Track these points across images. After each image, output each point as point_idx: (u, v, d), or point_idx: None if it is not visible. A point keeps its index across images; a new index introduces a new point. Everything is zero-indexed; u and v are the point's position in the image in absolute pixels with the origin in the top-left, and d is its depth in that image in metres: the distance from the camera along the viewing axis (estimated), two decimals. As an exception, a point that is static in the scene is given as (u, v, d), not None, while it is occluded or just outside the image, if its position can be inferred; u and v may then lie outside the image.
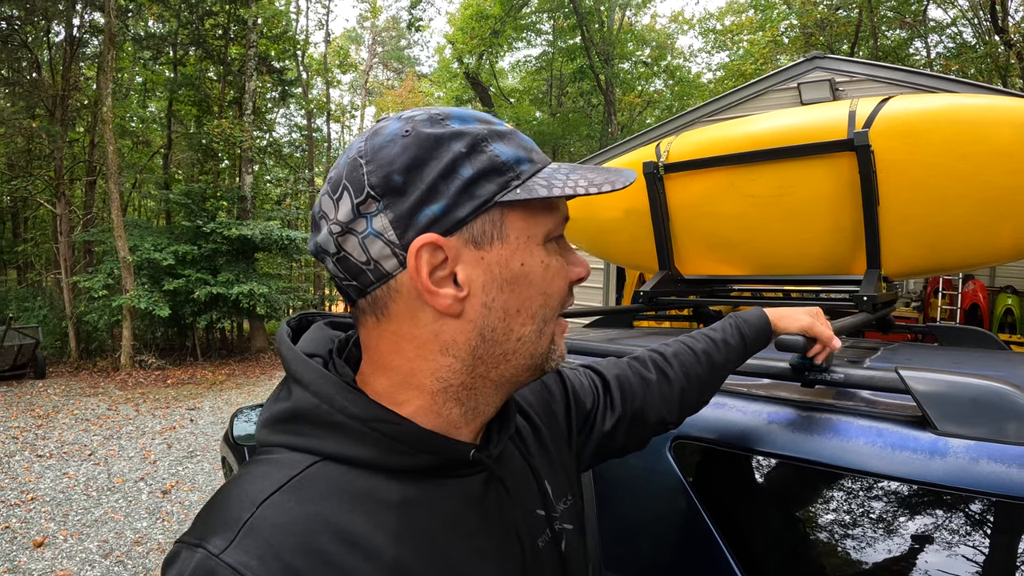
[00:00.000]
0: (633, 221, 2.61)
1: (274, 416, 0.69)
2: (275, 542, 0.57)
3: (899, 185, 1.95)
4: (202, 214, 13.60)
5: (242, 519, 0.58)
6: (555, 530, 0.81)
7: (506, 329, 0.67)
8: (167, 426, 8.27)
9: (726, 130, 2.40)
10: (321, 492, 0.62)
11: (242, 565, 0.55)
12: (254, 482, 0.63)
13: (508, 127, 0.70)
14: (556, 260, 0.70)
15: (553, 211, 0.70)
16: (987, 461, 0.94)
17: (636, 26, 24.56)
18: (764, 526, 1.18)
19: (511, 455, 0.81)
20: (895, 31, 17.13)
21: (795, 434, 1.12)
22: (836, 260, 2.18)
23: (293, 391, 0.68)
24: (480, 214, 0.64)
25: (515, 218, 0.66)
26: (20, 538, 4.92)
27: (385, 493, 0.65)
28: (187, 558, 0.57)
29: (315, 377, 0.67)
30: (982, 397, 1.00)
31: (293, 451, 0.66)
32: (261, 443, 0.69)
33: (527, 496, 0.79)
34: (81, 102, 15.34)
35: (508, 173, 0.65)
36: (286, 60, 18.47)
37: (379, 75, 35.83)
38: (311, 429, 0.66)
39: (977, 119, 1.89)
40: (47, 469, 6.52)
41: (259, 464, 0.66)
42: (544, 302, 0.69)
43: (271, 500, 0.60)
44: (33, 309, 13.86)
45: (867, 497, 1.05)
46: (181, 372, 12.33)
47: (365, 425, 0.65)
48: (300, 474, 0.63)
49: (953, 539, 0.97)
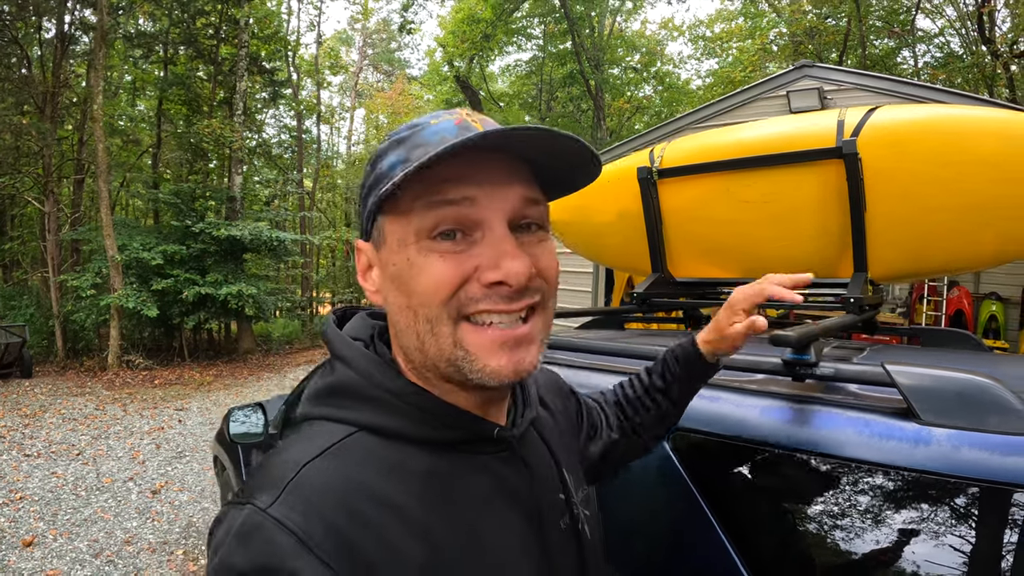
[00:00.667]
0: (626, 224, 2.67)
1: (318, 390, 0.75)
2: (316, 500, 0.62)
3: (886, 192, 2.01)
4: (191, 214, 13.54)
5: (286, 478, 0.64)
6: (574, 514, 0.85)
7: (405, 324, 0.71)
8: (155, 426, 8.24)
9: (719, 137, 2.47)
10: (358, 459, 0.68)
11: (286, 518, 0.60)
12: (298, 447, 0.69)
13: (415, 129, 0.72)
14: (430, 259, 0.67)
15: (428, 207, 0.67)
16: (968, 449, 1.00)
17: (626, 32, 24.67)
18: (761, 514, 1.23)
19: (533, 439, 0.85)
20: (883, 40, 17.32)
21: (787, 425, 1.18)
22: (824, 263, 2.25)
23: (336, 368, 0.75)
24: (372, 223, 0.73)
25: (389, 222, 0.71)
26: (9, 537, 4.89)
27: (415, 463, 0.70)
28: (235, 515, 0.63)
29: (356, 355, 0.74)
30: (963, 390, 1.06)
31: (333, 422, 0.72)
32: (304, 415, 0.75)
33: (548, 479, 0.83)
34: (71, 99, 15.23)
35: (383, 181, 0.70)
36: (277, 61, 18.44)
37: (369, 77, 35.73)
38: (351, 402, 0.72)
39: (961, 129, 1.96)
40: (35, 468, 6.49)
41: (302, 432, 0.72)
42: (419, 301, 0.68)
43: (313, 463, 0.65)
44: (20, 308, 13.73)
45: (854, 484, 1.11)
46: (169, 372, 12.27)
47: (399, 399, 0.71)
48: (339, 442, 0.69)
49: (933, 524, 1.03)
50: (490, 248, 0.67)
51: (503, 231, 0.68)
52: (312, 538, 0.59)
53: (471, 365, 0.68)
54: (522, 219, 0.70)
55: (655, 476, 1.32)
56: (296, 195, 21.10)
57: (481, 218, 0.67)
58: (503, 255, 0.66)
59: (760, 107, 7.58)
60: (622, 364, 1.63)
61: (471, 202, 0.67)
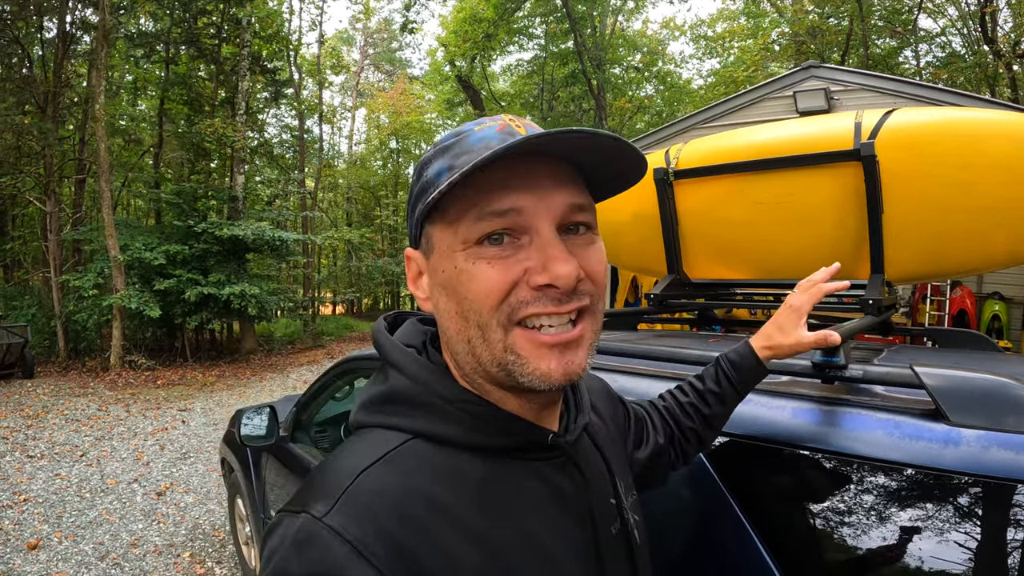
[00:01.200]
0: (642, 225, 2.67)
1: (371, 398, 0.76)
2: (372, 508, 0.63)
3: (903, 194, 2.02)
4: (193, 214, 13.55)
5: (342, 487, 0.64)
6: (625, 519, 0.85)
7: (456, 330, 0.72)
8: (159, 427, 8.24)
9: (735, 138, 2.47)
10: (413, 466, 0.68)
11: (342, 527, 0.60)
12: (353, 456, 0.70)
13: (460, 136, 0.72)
14: (474, 265, 0.67)
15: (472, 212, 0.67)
16: (997, 449, 1.01)
17: (628, 31, 24.70)
18: (793, 515, 1.23)
19: (586, 445, 0.86)
20: (885, 40, 17.33)
21: (819, 427, 1.18)
22: (840, 265, 2.25)
23: (390, 375, 0.76)
24: (421, 231, 0.74)
25: (437, 230, 0.72)
26: (14, 540, 4.86)
27: (470, 469, 0.70)
28: (290, 523, 0.63)
29: (410, 362, 0.75)
30: (990, 391, 1.07)
31: (387, 430, 0.72)
32: (358, 423, 0.76)
33: (601, 484, 0.84)
34: (72, 99, 15.22)
35: (430, 190, 0.70)
36: (279, 60, 18.43)
37: (370, 77, 35.78)
38: (405, 409, 0.73)
39: (976, 132, 1.97)
40: (39, 470, 6.48)
41: (357, 441, 0.73)
42: (469, 307, 0.68)
43: (368, 471, 0.66)
44: (21, 308, 13.74)
45: (885, 486, 1.12)
46: (171, 373, 12.28)
47: (453, 406, 0.72)
48: (395, 449, 0.69)
49: (964, 521, 1.03)
50: (538, 252, 0.67)
51: (550, 235, 0.68)
52: (368, 547, 0.60)
53: (522, 368, 0.68)
54: (569, 222, 0.71)
55: (688, 479, 1.32)
56: (298, 195, 21.12)
57: (528, 223, 0.68)
58: (551, 259, 0.66)
59: (767, 107, 7.60)
60: (641, 366, 1.64)
61: (518, 212, 0.67)
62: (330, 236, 19.90)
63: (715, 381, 1.15)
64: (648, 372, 1.60)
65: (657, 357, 1.58)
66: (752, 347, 1.14)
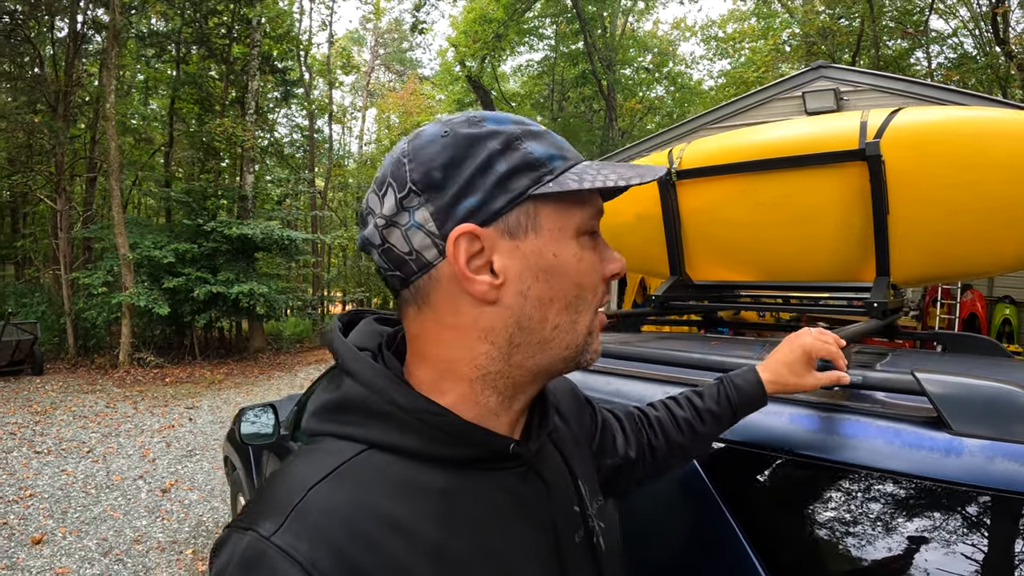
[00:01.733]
0: (644, 226, 2.64)
1: (324, 406, 0.72)
2: (323, 526, 0.60)
3: (909, 194, 1.98)
4: (203, 213, 13.61)
5: (291, 504, 0.61)
6: (590, 527, 0.83)
7: (541, 317, 0.70)
8: (166, 424, 8.27)
9: (739, 138, 2.43)
10: (367, 479, 0.65)
11: (291, 547, 0.58)
12: (303, 469, 0.66)
13: (542, 128, 0.74)
14: (589, 253, 0.72)
15: (585, 206, 0.72)
16: (1002, 460, 0.97)
17: (638, 32, 24.67)
18: (787, 524, 1.20)
19: (549, 452, 0.83)
20: (897, 41, 17.22)
21: (815, 434, 1.15)
22: (845, 267, 2.22)
23: (344, 382, 0.72)
24: (515, 206, 0.68)
25: (548, 211, 0.69)
26: (18, 535, 4.91)
27: (428, 481, 0.67)
28: (237, 541, 0.60)
29: (365, 368, 0.71)
30: (995, 399, 1.03)
31: (341, 439, 0.69)
32: (310, 432, 0.72)
33: (564, 492, 0.81)
34: (83, 98, 15.35)
35: (541, 168, 0.69)
36: (289, 60, 18.50)
37: (381, 77, 35.87)
38: (359, 418, 0.69)
39: (983, 131, 1.93)
40: (45, 466, 6.52)
41: (308, 452, 0.69)
42: (578, 293, 0.71)
43: (319, 486, 0.63)
44: (31, 305, 13.85)
45: (884, 495, 1.08)
46: (179, 371, 12.33)
47: (411, 415, 0.68)
48: (347, 462, 0.66)
49: (966, 535, 1.00)
50: (604, 248, 0.76)
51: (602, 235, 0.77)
52: (317, 566, 0.57)
53: (589, 347, 0.75)
54: None
55: (679, 485, 1.29)
56: (308, 194, 21.18)
57: None
58: (612, 253, 0.77)
59: (776, 108, 7.55)
60: (641, 369, 1.61)
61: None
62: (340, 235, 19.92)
63: (715, 401, 1.13)
64: (642, 375, 1.57)
65: (653, 360, 1.55)
66: (759, 377, 1.14)
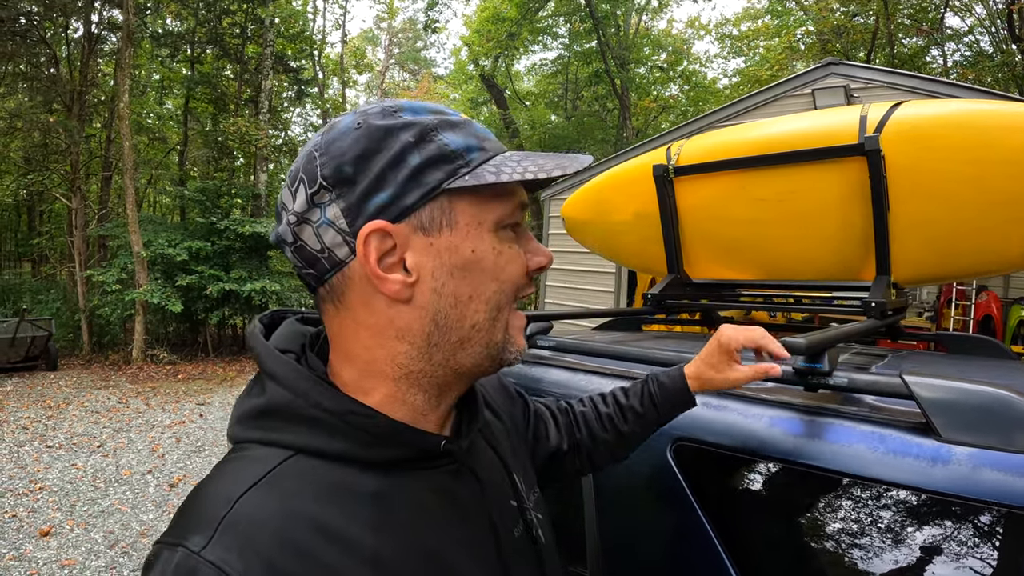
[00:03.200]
0: (643, 224, 2.60)
1: (247, 412, 0.70)
2: (253, 537, 0.58)
3: (910, 190, 1.93)
4: (216, 211, 13.66)
5: (219, 516, 0.59)
6: (528, 520, 0.83)
7: (459, 316, 0.68)
8: (176, 420, 8.32)
9: (737, 134, 2.38)
10: (296, 486, 0.63)
11: (222, 561, 0.56)
12: (229, 479, 0.64)
13: (462, 117, 0.72)
14: (509, 247, 0.70)
15: (506, 198, 0.70)
16: (991, 470, 0.93)
17: (652, 31, 24.53)
18: (763, 530, 1.16)
19: (481, 448, 0.82)
20: (912, 39, 17.02)
21: (796, 438, 1.11)
22: (845, 266, 2.16)
23: (267, 387, 0.69)
24: (428, 201, 0.66)
25: (464, 205, 0.67)
26: (27, 527, 4.96)
27: (359, 485, 0.65)
28: (167, 558, 0.58)
29: (288, 372, 0.68)
30: (987, 405, 0.98)
31: (267, 446, 0.66)
32: (235, 440, 0.70)
33: (499, 487, 0.81)
34: (98, 98, 15.47)
35: (456, 161, 0.67)
36: (303, 60, 18.56)
37: (395, 76, 35.96)
38: (285, 424, 0.67)
39: (987, 123, 1.87)
40: (56, 460, 6.57)
41: (233, 461, 0.67)
42: (498, 288, 0.69)
43: (247, 496, 0.61)
44: (47, 302, 14.00)
45: (868, 503, 1.04)
46: (192, 367, 12.39)
47: (338, 418, 0.66)
48: (275, 469, 0.63)
49: (953, 548, 0.95)
50: (526, 240, 0.74)
51: (526, 226, 0.75)
52: None
53: (511, 345, 0.72)
54: None
55: (654, 488, 1.25)
56: (320, 193, 21.20)
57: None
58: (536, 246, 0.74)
59: (785, 105, 7.46)
60: (634, 369, 1.58)
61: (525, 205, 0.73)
62: (352, 234, 19.95)
63: (639, 399, 1.11)
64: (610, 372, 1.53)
65: (630, 358, 1.51)
66: (684, 374, 1.10)
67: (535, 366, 1.76)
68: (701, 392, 1.09)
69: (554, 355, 1.80)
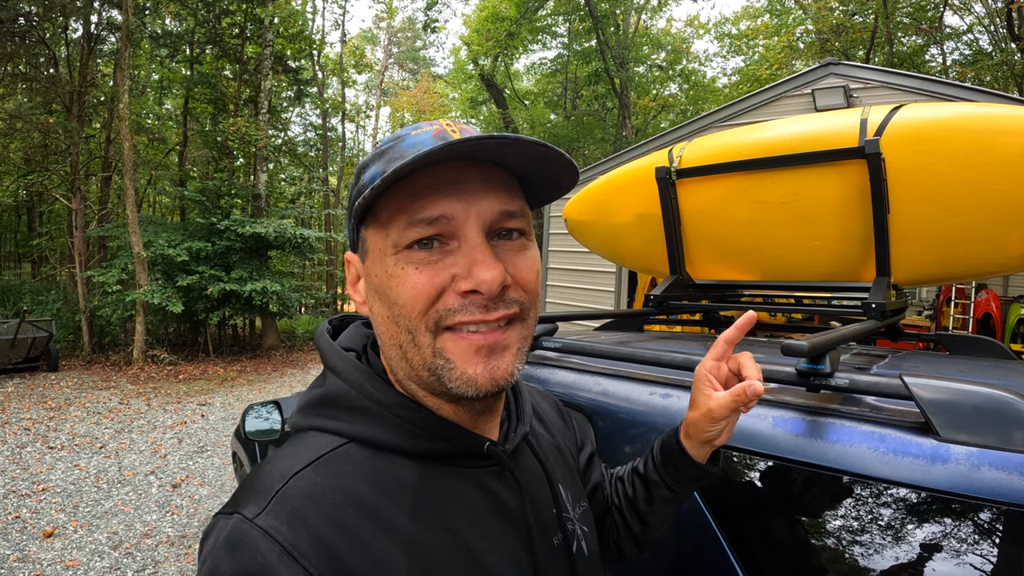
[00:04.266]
0: (645, 225, 2.62)
1: (309, 401, 0.76)
2: (303, 510, 0.63)
3: (910, 193, 1.94)
4: (216, 211, 13.66)
5: (274, 489, 0.65)
6: (568, 531, 0.84)
7: (389, 334, 0.72)
8: (178, 421, 8.33)
9: (738, 136, 2.40)
10: (347, 470, 0.68)
11: (272, 528, 0.61)
12: (287, 458, 0.69)
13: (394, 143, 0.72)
14: (407, 269, 0.68)
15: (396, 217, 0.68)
16: (989, 468, 0.95)
17: (652, 30, 24.52)
18: (768, 528, 1.19)
19: (526, 455, 0.85)
20: (911, 37, 17.03)
21: (797, 438, 1.13)
22: (845, 267, 2.18)
23: (328, 379, 0.76)
24: (357, 234, 0.75)
25: (371, 233, 0.72)
26: (30, 528, 4.98)
27: (404, 474, 0.70)
28: (223, 525, 0.64)
29: (347, 366, 0.75)
30: (985, 405, 1.01)
31: (324, 433, 0.72)
32: (295, 426, 0.76)
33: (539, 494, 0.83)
34: (98, 98, 15.45)
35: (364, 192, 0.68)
36: (302, 59, 18.55)
37: (394, 75, 35.90)
38: (341, 413, 0.73)
39: (987, 128, 1.87)
40: (58, 460, 6.59)
41: (292, 444, 0.73)
42: (399, 312, 0.69)
43: (301, 474, 0.66)
44: (47, 302, 13.99)
45: (868, 502, 1.06)
46: (193, 368, 12.40)
47: (388, 410, 0.72)
48: (329, 453, 0.69)
49: (952, 546, 0.98)
50: (464, 257, 0.67)
51: (477, 239, 0.68)
52: (297, 548, 0.60)
53: (450, 374, 0.68)
54: (500, 228, 0.71)
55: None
56: (321, 193, 21.28)
57: (457, 229, 0.68)
58: (475, 263, 0.67)
59: (785, 105, 7.48)
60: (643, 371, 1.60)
61: (448, 218, 0.67)
62: (352, 234, 19.94)
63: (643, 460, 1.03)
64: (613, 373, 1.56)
65: (637, 360, 1.53)
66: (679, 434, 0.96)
67: (540, 367, 1.79)
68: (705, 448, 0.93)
69: (560, 356, 1.82)
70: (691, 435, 0.92)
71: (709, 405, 0.87)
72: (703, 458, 0.94)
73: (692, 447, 0.93)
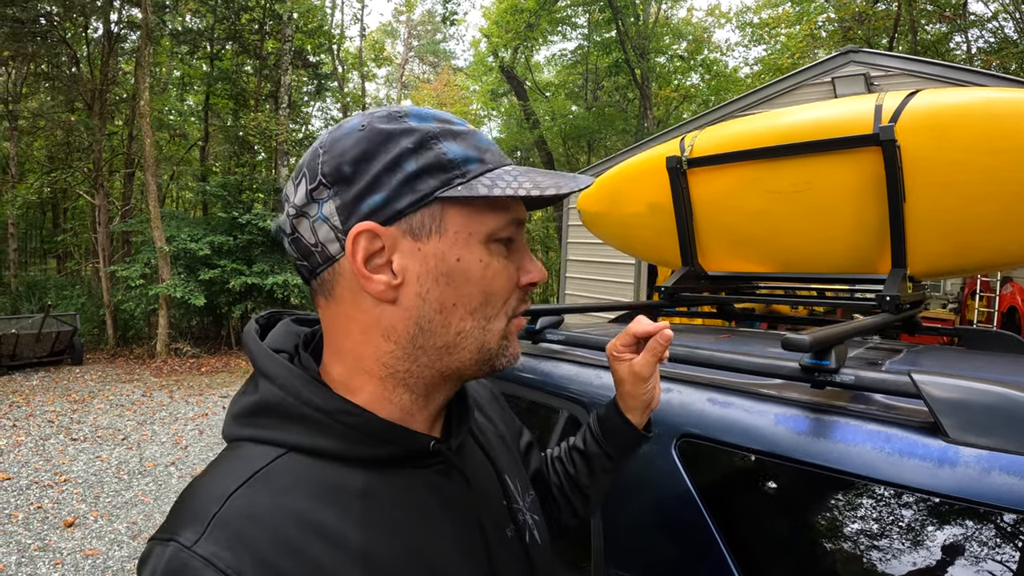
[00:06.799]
0: (657, 216, 2.57)
1: (241, 410, 0.71)
2: (244, 533, 0.59)
3: (926, 181, 1.88)
4: (238, 206, 13.79)
5: (211, 512, 0.60)
6: (519, 521, 0.83)
7: (443, 322, 0.69)
8: (200, 413, 8.43)
9: (751, 124, 2.34)
10: (287, 484, 0.64)
11: (213, 556, 0.57)
12: (222, 476, 0.65)
13: (467, 128, 0.72)
14: (499, 261, 0.71)
15: (501, 212, 0.70)
16: (1000, 473, 0.90)
17: (672, 19, 24.27)
18: (765, 529, 1.15)
19: (472, 449, 0.84)
20: (935, 25, 16.68)
21: (800, 436, 1.09)
22: (861, 258, 2.12)
23: (260, 385, 0.71)
24: (420, 207, 0.68)
25: (456, 214, 0.68)
26: (52, 518, 5.07)
27: (349, 483, 0.67)
28: (160, 553, 0.59)
29: (280, 371, 0.70)
30: (998, 405, 0.96)
31: (259, 444, 0.68)
32: (229, 438, 0.71)
33: (489, 487, 0.82)
34: (119, 96, 15.65)
35: (453, 171, 0.68)
36: (321, 54, 18.62)
37: (415, 69, 36.00)
38: (277, 422, 0.68)
39: (1006, 113, 1.80)
40: (81, 452, 6.69)
41: (226, 459, 0.68)
42: (485, 300, 0.70)
43: (239, 492, 0.62)
44: (72, 297, 14.22)
45: (872, 504, 1.02)
46: (215, 360, 12.54)
47: (329, 417, 0.67)
48: (267, 466, 0.65)
49: (960, 553, 0.93)
50: (520, 256, 0.75)
51: (523, 242, 0.76)
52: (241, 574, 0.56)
53: (506, 351, 0.74)
54: None
55: (658, 485, 1.23)
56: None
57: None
58: (531, 262, 0.76)
59: (805, 94, 7.36)
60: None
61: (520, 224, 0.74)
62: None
63: (582, 437, 1.08)
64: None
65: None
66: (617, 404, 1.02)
67: (544, 360, 1.75)
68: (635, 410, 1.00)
69: (564, 349, 1.78)
70: (629, 406, 1.00)
71: (633, 368, 0.96)
72: (642, 424, 1.02)
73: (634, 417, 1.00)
